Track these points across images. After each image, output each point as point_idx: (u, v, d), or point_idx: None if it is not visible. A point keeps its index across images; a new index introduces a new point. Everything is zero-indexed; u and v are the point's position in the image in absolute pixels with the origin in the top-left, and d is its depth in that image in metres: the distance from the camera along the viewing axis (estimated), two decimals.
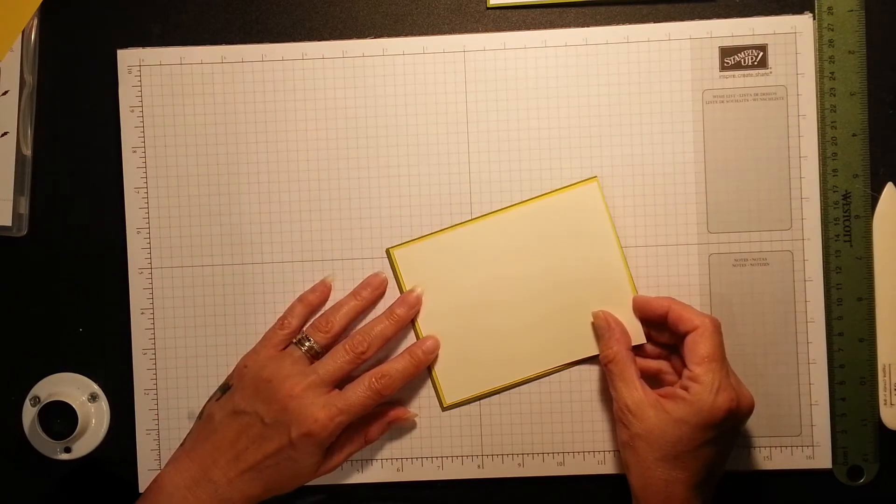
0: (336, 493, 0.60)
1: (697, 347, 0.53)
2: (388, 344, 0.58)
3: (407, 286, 0.58)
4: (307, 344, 0.56)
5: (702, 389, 0.52)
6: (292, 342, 0.56)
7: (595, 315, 0.57)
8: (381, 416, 0.58)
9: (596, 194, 0.57)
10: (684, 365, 0.54)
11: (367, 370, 0.56)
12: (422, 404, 0.59)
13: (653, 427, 0.52)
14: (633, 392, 0.54)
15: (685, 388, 0.53)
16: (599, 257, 0.58)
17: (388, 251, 0.58)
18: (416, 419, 0.59)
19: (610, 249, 0.58)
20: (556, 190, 0.58)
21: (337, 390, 0.55)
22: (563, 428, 0.59)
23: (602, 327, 0.57)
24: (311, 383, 0.54)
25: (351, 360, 0.55)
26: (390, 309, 0.58)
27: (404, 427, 0.59)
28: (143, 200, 0.59)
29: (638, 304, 0.57)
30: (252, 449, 0.54)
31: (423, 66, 0.59)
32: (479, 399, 0.59)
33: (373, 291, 0.58)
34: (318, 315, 0.58)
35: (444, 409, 0.59)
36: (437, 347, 0.58)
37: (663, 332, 0.57)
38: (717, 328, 0.54)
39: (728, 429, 0.53)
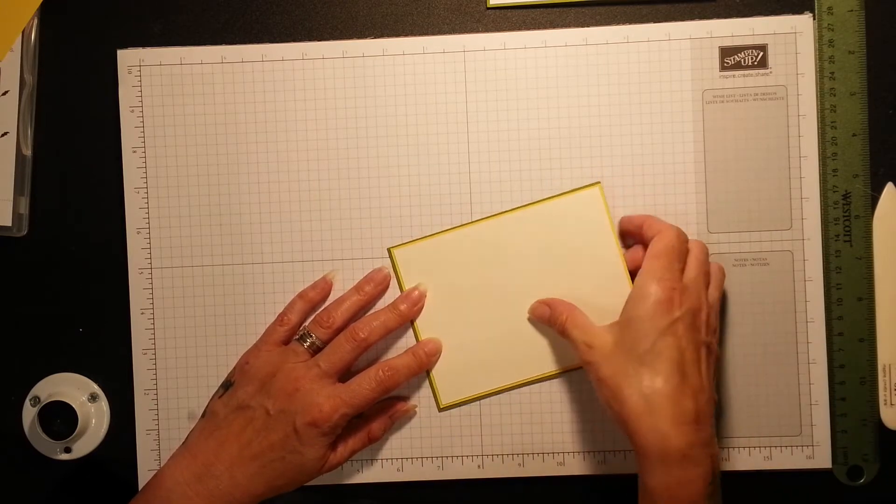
0: (336, 493, 0.60)
1: (653, 245, 0.54)
2: (389, 340, 0.58)
3: (407, 286, 0.58)
4: (309, 340, 0.56)
5: (646, 280, 0.52)
6: (294, 338, 0.56)
7: (531, 309, 0.58)
8: (383, 412, 0.58)
9: (598, 200, 0.57)
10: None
11: (370, 365, 0.56)
12: (421, 404, 0.59)
13: (613, 345, 0.52)
14: (589, 330, 0.54)
15: (634, 284, 0.54)
16: (600, 263, 0.57)
17: (389, 250, 0.58)
18: (417, 418, 0.59)
19: (611, 255, 0.57)
20: (559, 194, 0.58)
21: (341, 383, 0.55)
22: (563, 428, 0.59)
23: (544, 312, 0.57)
24: (315, 375, 0.54)
25: (352, 349, 0.55)
26: (393, 304, 0.58)
27: (405, 421, 0.59)
28: (143, 200, 0.59)
29: (622, 223, 0.58)
30: (257, 440, 0.54)
31: (423, 66, 0.59)
32: (476, 400, 0.59)
33: (375, 287, 0.58)
34: (319, 310, 0.58)
35: (440, 409, 0.59)
36: (438, 350, 0.58)
37: None
38: (678, 236, 0.54)
39: (680, 318, 0.51)
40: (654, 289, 0.52)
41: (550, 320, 0.56)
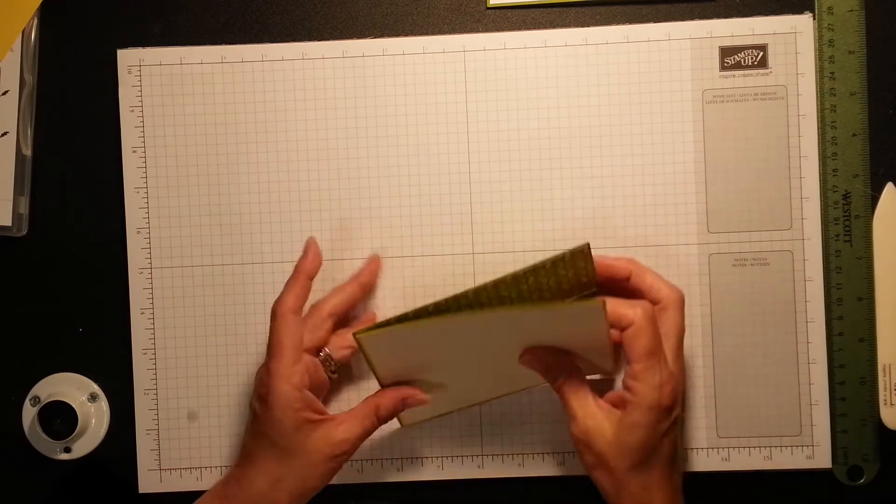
0: (336, 493, 0.60)
1: (635, 345, 0.51)
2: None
3: (376, 364, 0.54)
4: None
5: (645, 389, 0.51)
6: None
7: (527, 359, 0.54)
8: (393, 390, 0.55)
9: (600, 316, 0.50)
10: (627, 361, 0.52)
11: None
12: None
13: (613, 440, 0.51)
14: (589, 408, 0.52)
15: (629, 389, 0.51)
16: (588, 348, 0.54)
17: (354, 336, 0.51)
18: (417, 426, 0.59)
19: (604, 367, 0.56)
20: (556, 303, 0.53)
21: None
22: (563, 428, 0.59)
23: (546, 360, 0.53)
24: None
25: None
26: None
27: (408, 423, 0.59)
28: (143, 200, 0.59)
29: (601, 267, 0.54)
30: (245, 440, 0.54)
31: (423, 66, 0.59)
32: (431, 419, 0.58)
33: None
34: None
35: (402, 426, 0.58)
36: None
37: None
38: (648, 319, 0.51)
39: (675, 417, 0.52)
40: (657, 399, 0.51)
41: (546, 373, 0.54)
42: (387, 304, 0.59)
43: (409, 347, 0.52)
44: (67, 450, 0.60)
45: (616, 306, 0.51)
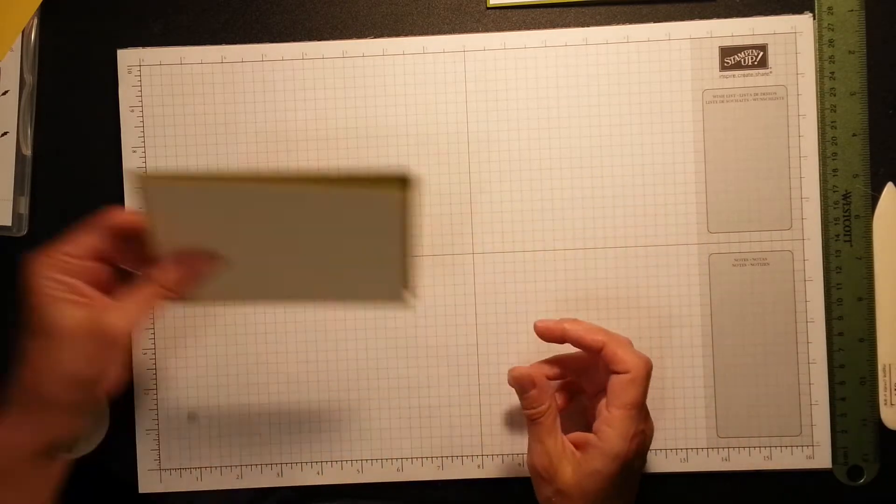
0: (335, 492, 0.60)
1: (625, 393, 0.51)
2: None
3: (156, 220, 0.48)
4: None
5: (616, 436, 0.51)
6: None
7: (516, 374, 0.53)
8: (179, 263, 0.49)
9: (400, 204, 0.46)
10: (606, 405, 0.52)
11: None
12: (422, 404, 0.59)
13: (571, 482, 0.51)
14: (556, 445, 0.52)
15: (599, 433, 0.51)
16: (385, 254, 0.49)
17: (138, 176, 0.46)
18: (417, 418, 0.59)
19: (397, 253, 0.49)
20: (360, 177, 0.46)
21: None
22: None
23: (526, 385, 0.53)
24: None
25: None
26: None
27: (403, 420, 0.59)
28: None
29: (572, 337, 0.54)
30: None
31: (423, 66, 0.59)
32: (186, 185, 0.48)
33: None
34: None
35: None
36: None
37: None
38: (647, 374, 0.52)
39: (636, 467, 0.53)
40: (624, 450, 0.51)
41: (527, 398, 0.53)
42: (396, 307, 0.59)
43: (200, 216, 0.47)
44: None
45: (618, 349, 0.52)
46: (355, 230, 0.48)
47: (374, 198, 0.46)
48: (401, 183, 0.45)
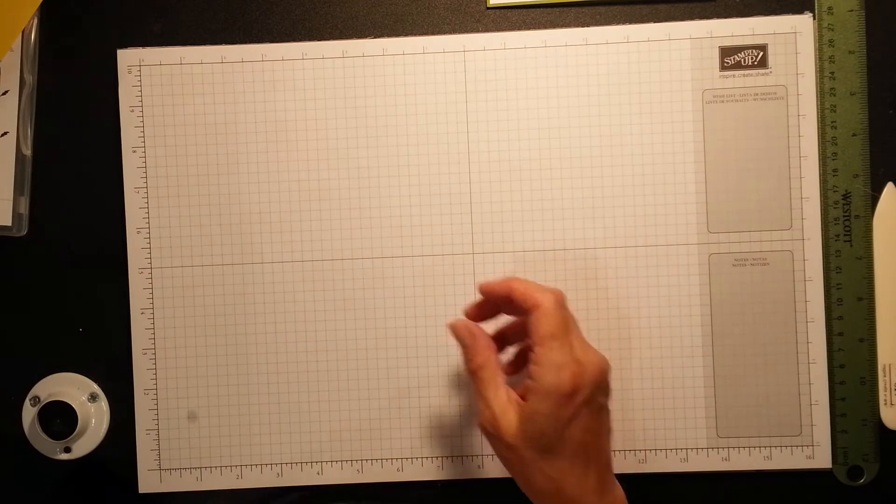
0: (335, 492, 0.60)
1: (538, 327, 0.50)
2: None
3: None
4: None
5: (544, 372, 0.49)
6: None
7: (454, 326, 0.53)
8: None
9: None
10: (530, 348, 0.51)
11: None
12: (422, 404, 0.59)
13: (518, 429, 0.50)
14: (498, 398, 0.51)
15: (530, 375, 0.50)
16: None
17: None
18: (417, 418, 0.59)
19: None
20: None
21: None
22: None
23: (465, 337, 0.53)
24: None
25: None
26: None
27: (404, 421, 0.59)
28: (143, 200, 0.59)
29: (483, 291, 0.53)
30: None
31: (423, 66, 0.59)
32: None
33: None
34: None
35: None
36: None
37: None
38: (558, 304, 0.50)
39: (584, 401, 0.50)
40: (556, 382, 0.49)
41: (465, 349, 0.53)
42: (386, 305, 0.59)
43: None
44: (67, 450, 0.60)
45: (527, 289, 0.51)
46: None
47: None
48: None
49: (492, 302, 0.54)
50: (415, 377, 0.59)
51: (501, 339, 0.55)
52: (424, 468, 0.59)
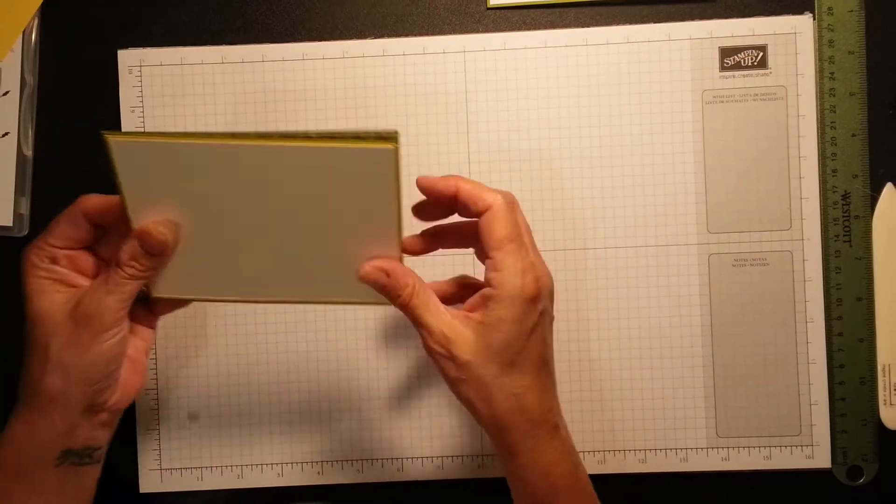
0: (335, 492, 0.60)
1: (493, 230, 0.47)
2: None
3: (127, 190, 0.47)
4: None
5: (507, 277, 0.46)
6: None
7: (365, 275, 0.48)
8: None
9: (390, 163, 0.45)
10: (485, 254, 0.48)
11: None
12: (422, 404, 0.59)
13: (476, 345, 0.47)
14: (442, 318, 0.47)
15: (490, 282, 0.47)
16: (374, 225, 0.48)
17: (103, 136, 0.45)
18: (417, 418, 0.59)
19: (387, 216, 0.48)
20: (347, 139, 0.44)
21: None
22: None
23: (380, 278, 0.48)
24: None
25: None
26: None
27: (395, 416, 0.59)
28: None
29: (424, 185, 0.49)
30: None
31: (423, 67, 0.59)
32: (193, 302, 0.52)
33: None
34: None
35: (149, 299, 0.51)
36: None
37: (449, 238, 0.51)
38: (510, 205, 0.47)
39: (543, 309, 0.48)
40: (520, 286, 0.46)
41: (387, 290, 0.48)
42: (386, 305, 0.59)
43: (170, 177, 0.46)
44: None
45: (475, 188, 0.48)
46: (339, 191, 0.46)
47: (360, 153, 0.44)
48: (387, 139, 0.44)
49: (434, 202, 0.50)
50: (415, 377, 0.59)
51: (439, 238, 0.52)
52: (424, 468, 0.60)
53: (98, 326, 0.48)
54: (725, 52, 0.58)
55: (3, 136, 0.59)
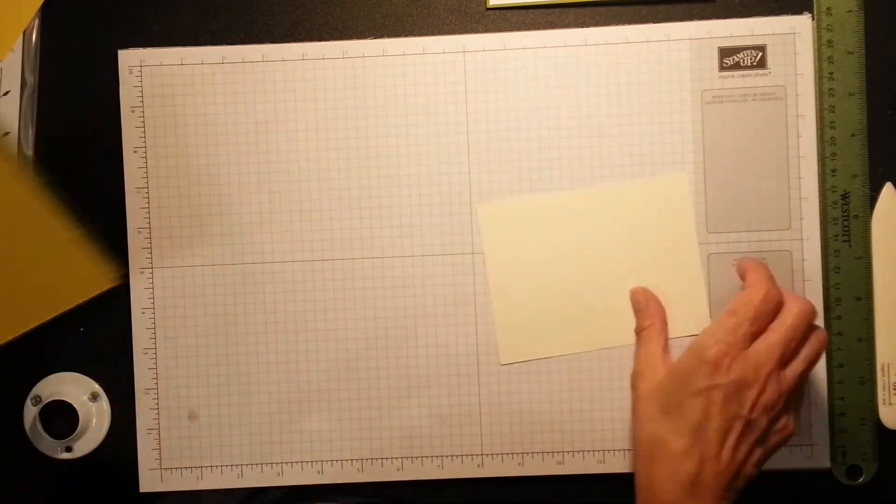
0: (334, 492, 0.60)
1: (733, 301, 0.52)
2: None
3: (486, 244, 0.58)
4: None
5: (702, 336, 0.51)
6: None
7: (633, 292, 0.57)
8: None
9: (684, 186, 0.57)
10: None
11: None
12: (422, 404, 0.59)
13: (659, 377, 0.52)
14: (648, 353, 0.54)
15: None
16: (676, 249, 0.58)
17: (478, 206, 0.59)
18: (417, 418, 0.59)
19: (688, 243, 0.58)
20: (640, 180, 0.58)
21: None
22: (563, 427, 0.59)
23: (640, 302, 0.57)
24: None
25: None
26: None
27: (405, 420, 0.59)
28: (143, 200, 0.60)
29: (740, 268, 0.56)
30: None
31: (423, 67, 0.59)
32: (535, 360, 0.59)
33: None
34: None
35: (501, 364, 0.59)
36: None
37: None
38: (762, 295, 0.51)
39: (721, 388, 0.50)
40: (708, 348, 0.51)
41: (637, 313, 0.57)
42: (387, 305, 0.59)
43: (516, 220, 0.58)
44: (68, 449, 0.60)
45: (751, 265, 0.54)
46: (650, 216, 0.58)
47: (661, 183, 0.57)
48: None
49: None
50: (415, 377, 0.59)
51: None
52: (424, 468, 0.60)
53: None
54: (724, 53, 0.58)
55: (4, 135, 0.59)
